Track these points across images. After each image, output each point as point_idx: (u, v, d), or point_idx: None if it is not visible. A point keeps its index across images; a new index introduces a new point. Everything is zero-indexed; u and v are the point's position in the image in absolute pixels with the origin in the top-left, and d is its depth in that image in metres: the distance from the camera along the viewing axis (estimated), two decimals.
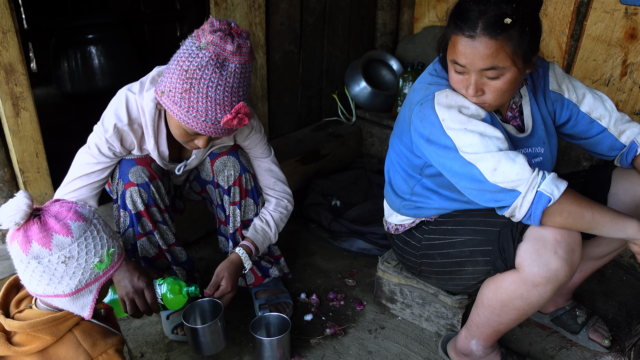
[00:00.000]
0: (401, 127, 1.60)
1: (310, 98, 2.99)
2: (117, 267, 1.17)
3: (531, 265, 1.38)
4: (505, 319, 1.51)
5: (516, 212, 1.35)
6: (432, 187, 1.60)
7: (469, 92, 1.38)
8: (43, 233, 1.05)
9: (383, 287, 1.97)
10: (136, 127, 1.60)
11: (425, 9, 3.10)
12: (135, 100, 1.58)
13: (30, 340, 1.11)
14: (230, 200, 1.80)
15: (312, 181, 2.72)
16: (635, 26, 2.26)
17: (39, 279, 1.08)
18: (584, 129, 1.61)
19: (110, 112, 1.58)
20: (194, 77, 1.39)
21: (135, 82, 1.61)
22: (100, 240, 1.12)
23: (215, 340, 1.65)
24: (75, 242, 1.07)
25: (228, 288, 1.67)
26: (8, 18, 1.66)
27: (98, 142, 1.59)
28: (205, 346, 1.65)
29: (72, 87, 3.71)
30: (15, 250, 1.07)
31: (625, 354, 1.77)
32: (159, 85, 1.49)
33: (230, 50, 1.38)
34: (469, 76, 1.37)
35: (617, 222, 1.35)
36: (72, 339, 1.14)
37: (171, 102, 1.44)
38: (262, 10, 2.39)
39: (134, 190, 1.64)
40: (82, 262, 1.08)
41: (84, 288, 1.11)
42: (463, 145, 1.37)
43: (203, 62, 1.38)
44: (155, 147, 1.63)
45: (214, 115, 1.43)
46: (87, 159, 1.62)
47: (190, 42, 1.42)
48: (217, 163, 1.78)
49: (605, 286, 2.15)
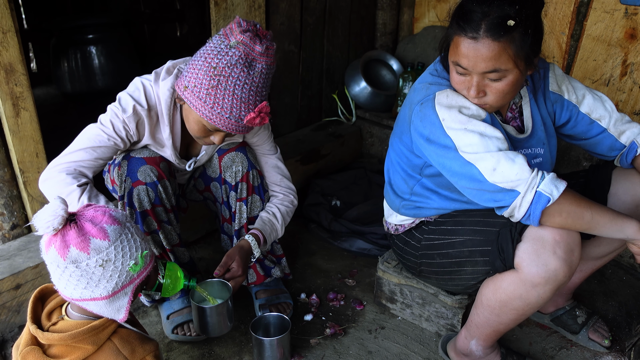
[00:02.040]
0: (401, 126, 1.60)
1: (310, 98, 2.99)
2: (149, 269, 1.18)
3: (530, 266, 1.38)
4: (504, 319, 1.51)
5: (515, 212, 1.35)
6: (431, 187, 1.60)
7: (471, 94, 1.38)
8: (81, 237, 1.06)
9: (383, 287, 1.97)
10: (152, 114, 1.61)
11: (425, 9, 3.11)
12: (152, 87, 1.59)
13: (70, 351, 1.12)
14: (237, 197, 1.81)
15: (312, 181, 2.72)
16: (635, 26, 2.26)
17: (76, 283, 1.09)
18: (584, 130, 1.61)
19: (127, 96, 1.58)
20: (222, 74, 1.42)
21: (149, 74, 1.63)
22: (135, 243, 1.13)
23: (221, 321, 1.62)
24: (112, 245, 1.08)
25: (239, 271, 1.65)
26: (8, 18, 1.66)
27: (114, 120, 1.57)
28: (211, 327, 1.62)
29: (72, 87, 3.71)
30: (53, 255, 1.06)
31: (625, 354, 1.78)
32: (181, 80, 1.51)
33: (259, 51, 1.42)
34: (471, 78, 1.37)
35: (617, 223, 1.35)
36: (112, 347, 1.15)
37: (195, 97, 1.47)
38: (262, 10, 2.39)
39: (141, 189, 1.64)
40: (118, 265, 1.10)
41: (120, 290, 1.12)
42: (463, 145, 1.37)
43: (232, 61, 1.41)
44: (170, 137, 1.64)
45: (238, 113, 1.46)
46: (97, 133, 1.58)
47: (219, 40, 1.44)
48: (225, 159, 1.79)
49: (605, 286, 2.15)
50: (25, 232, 1.96)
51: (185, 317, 1.82)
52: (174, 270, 1.53)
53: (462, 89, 1.41)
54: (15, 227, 1.93)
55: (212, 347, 1.81)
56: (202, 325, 1.62)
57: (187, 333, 1.80)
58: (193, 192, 1.99)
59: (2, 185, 1.86)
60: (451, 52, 1.39)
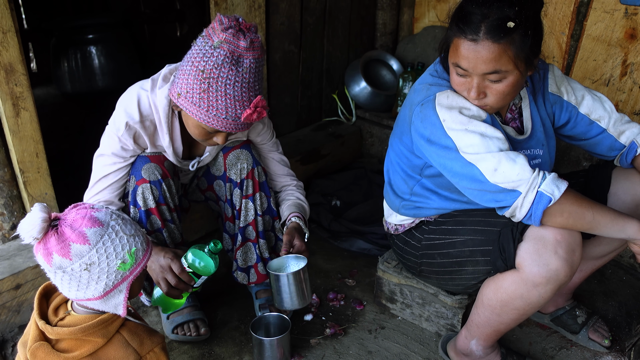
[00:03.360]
0: (401, 127, 1.60)
1: (310, 98, 2.99)
2: (144, 264, 1.17)
3: (531, 265, 1.38)
4: (505, 318, 1.51)
5: (517, 212, 1.35)
6: (431, 188, 1.60)
7: (471, 95, 1.38)
8: (61, 244, 1.06)
9: (383, 287, 1.97)
10: (148, 124, 1.60)
11: (425, 9, 3.11)
12: (148, 97, 1.59)
13: (79, 345, 1.13)
14: (242, 194, 1.81)
15: (312, 181, 2.72)
16: (635, 26, 2.26)
17: (68, 286, 1.10)
18: (583, 131, 1.62)
19: (120, 110, 1.59)
20: (211, 76, 1.41)
21: (146, 80, 1.62)
22: (120, 241, 1.12)
23: (299, 292, 1.60)
24: (94, 248, 1.08)
25: (302, 246, 1.67)
26: (8, 18, 1.66)
27: (111, 143, 1.59)
28: (288, 297, 1.60)
29: (72, 87, 3.71)
30: (40, 262, 1.09)
31: (625, 354, 1.78)
32: (173, 87, 1.50)
33: (243, 46, 1.40)
34: (471, 79, 1.37)
35: (618, 223, 1.35)
36: (121, 340, 1.16)
37: (189, 103, 1.46)
38: (262, 10, 2.39)
39: (145, 187, 1.64)
40: (104, 267, 1.09)
41: (113, 289, 1.12)
42: (464, 146, 1.37)
43: (219, 61, 1.40)
44: (170, 144, 1.64)
45: (234, 112, 1.46)
46: (103, 161, 1.63)
47: (202, 42, 1.43)
48: (230, 156, 1.80)
49: (605, 286, 2.15)
50: None
51: (186, 317, 1.82)
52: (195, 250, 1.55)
53: (462, 91, 1.41)
54: (15, 227, 1.93)
55: (212, 347, 1.82)
56: (280, 296, 1.60)
57: (187, 333, 1.80)
58: (195, 192, 1.99)
59: (2, 185, 1.86)
60: (451, 53, 1.39)
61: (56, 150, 2.10)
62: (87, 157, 1.71)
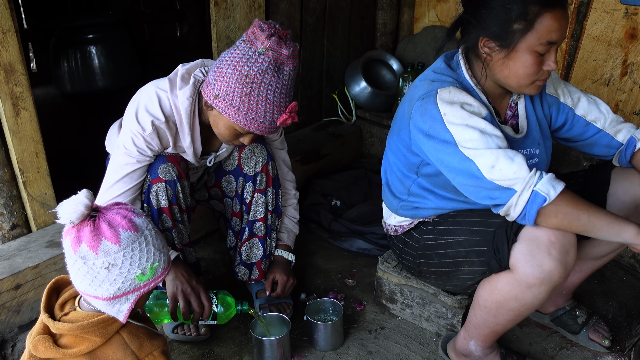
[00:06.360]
0: (400, 123, 1.60)
1: (310, 98, 2.99)
2: (158, 281, 1.17)
3: (525, 266, 1.37)
4: (501, 319, 1.51)
5: (511, 211, 1.35)
6: (428, 187, 1.60)
7: (553, 66, 1.39)
8: (93, 236, 1.06)
9: (383, 287, 1.97)
10: (171, 124, 1.62)
11: (425, 9, 3.11)
12: (168, 98, 1.60)
13: (78, 342, 1.13)
14: (255, 188, 1.84)
15: (312, 181, 2.72)
16: (635, 26, 2.26)
17: (82, 278, 1.10)
18: (579, 132, 1.63)
19: (141, 110, 1.58)
20: (254, 81, 1.45)
21: (162, 80, 1.62)
22: (147, 253, 1.12)
23: (336, 336, 1.81)
24: (122, 251, 1.08)
25: (284, 278, 1.87)
26: (8, 18, 1.66)
27: (136, 141, 1.58)
28: (324, 342, 1.79)
29: (72, 87, 3.71)
30: (66, 245, 1.09)
31: (626, 354, 1.77)
32: (209, 88, 1.52)
33: (286, 54, 1.46)
34: (549, 53, 1.39)
35: (614, 226, 1.33)
36: (120, 341, 1.15)
37: (227, 105, 1.49)
38: (262, 10, 2.39)
39: (160, 187, 1.64)
40: (124, 271, 1.09)
41: (122, 296, 1.12)
42: (463, 140, 1.37)
43: (263, 67, 1.44)
44: (191, 144, 1.66)
45: (271, 117, 1.50)
46: (126, 160, 1.60)
47: (245, 47, 1.46)
48: (246, 150, 1.83)
49: (605, 286, 2.15)
50: (25, 232, 1.96)
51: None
52: (226, 298, 1.64)
53: (537, 71, 1.40)
54: (15, 227, 1.93)
55: (212, 347, 1.81)
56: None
57: (187, 333, 1.80)
58: (201, 190, 1.99)
59: (2, 185, 1.86)
60: (539, 34, 1.35)
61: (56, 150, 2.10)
62: (87, 157, 1.70)
